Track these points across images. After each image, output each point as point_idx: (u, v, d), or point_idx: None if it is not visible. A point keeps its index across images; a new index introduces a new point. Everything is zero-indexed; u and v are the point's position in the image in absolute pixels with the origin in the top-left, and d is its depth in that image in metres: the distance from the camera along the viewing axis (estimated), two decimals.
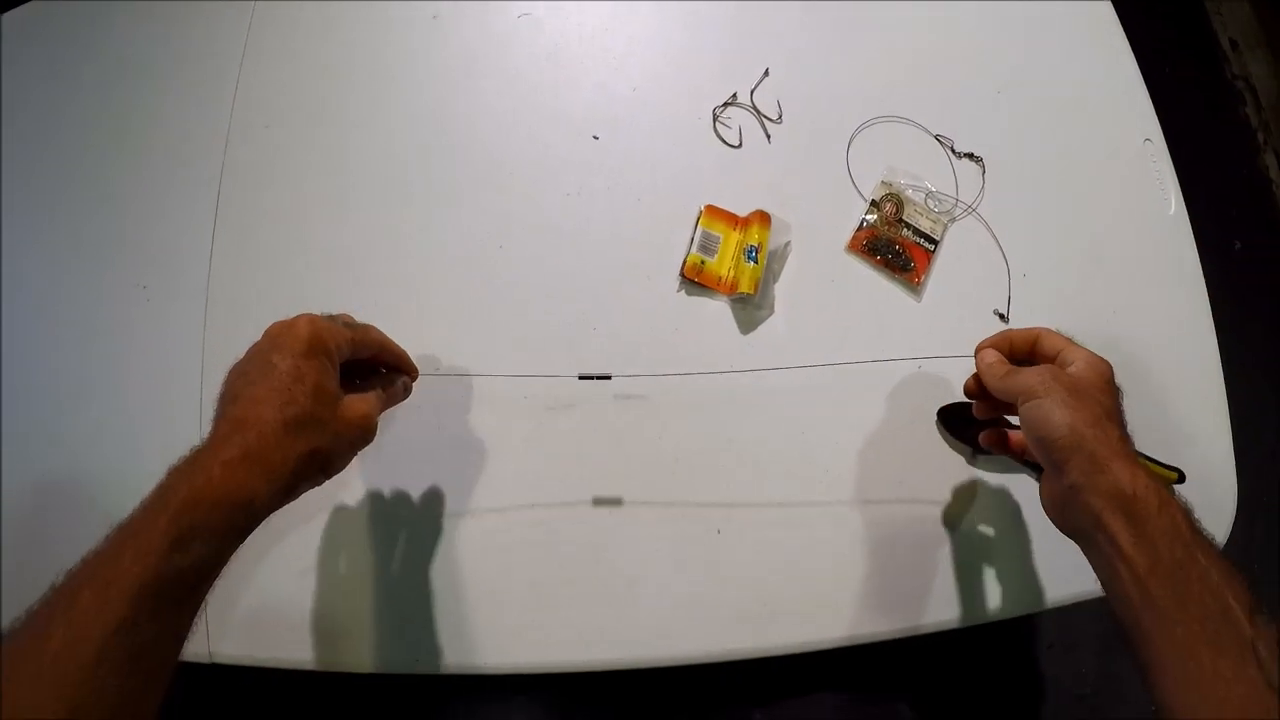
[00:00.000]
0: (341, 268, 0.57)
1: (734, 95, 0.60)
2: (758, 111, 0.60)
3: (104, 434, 0.54)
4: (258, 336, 0.38)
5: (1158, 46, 0.66)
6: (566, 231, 0.56)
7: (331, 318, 0.40)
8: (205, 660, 0.49)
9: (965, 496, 0.52)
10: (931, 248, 0.57)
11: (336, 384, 0.37)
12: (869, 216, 0.57)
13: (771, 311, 0.54)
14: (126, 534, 0.30)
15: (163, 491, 0.31)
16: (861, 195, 0.58)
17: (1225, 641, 0.30)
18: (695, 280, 0.54)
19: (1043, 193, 0.61)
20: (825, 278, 0.55)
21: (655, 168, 0.58)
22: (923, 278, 0.56)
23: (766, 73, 0.61)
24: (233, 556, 0.33)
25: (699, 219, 0.55)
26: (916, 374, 0.53)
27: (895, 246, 0.57)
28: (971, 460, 0.52)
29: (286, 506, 0.35)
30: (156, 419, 0.54)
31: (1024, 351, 0.43)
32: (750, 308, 0.53)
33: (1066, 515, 0.37)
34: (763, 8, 0.64)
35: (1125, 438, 0.37)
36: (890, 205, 0.58)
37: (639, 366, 0.51)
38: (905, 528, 0.51)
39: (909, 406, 0.53)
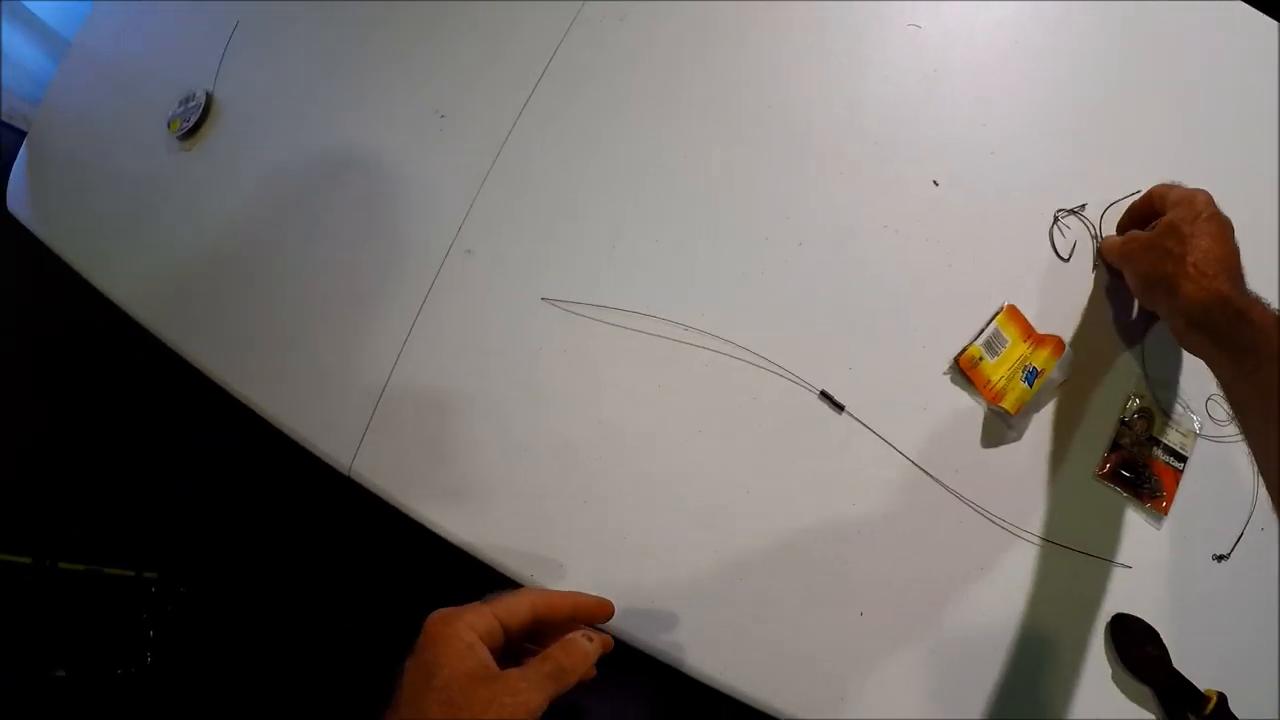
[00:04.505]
0: (638, 183, 0.57)
1: (1083, 205, 0.56)
2: (1099, 232, 0.56)
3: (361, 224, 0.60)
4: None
5: None
6: (868, 261, 0.55)
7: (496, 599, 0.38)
8: (345, 471, 0.54)
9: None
10: (1180, 466, 0.53)
11: (472, 664, 0.34)
12: (1121, 440, 0.53)
13: (1019, 438, 0.52)
14: None
15: None
16: (1145, 372, 0.54)
17: None
18: (965, 372, 0.52)
19: None
20: (1083, 436, 0.53)
21: (977, 241, 0.55)
22: (1171, 504, 0.53)
23: (1138, 194, 0.56)
24: None
25: (997, 314, 0.53)
26: (1113, 572, 0.52)
27: (1144, 469, 0.53)
28: (1115, 673, 0.51)
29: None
30: (406, 229, 0.59)
31: (1148, 215, 0.52)
32: (1002, 425, 0.52)
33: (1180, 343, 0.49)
34: (1162, 129, 0.58)
35: (1197, 264, 0.44)
36: (1142, 422, 0.54)
37: (873, 419, 0.51)
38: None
39: (1088, 601, 0.51)
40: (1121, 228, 0.55)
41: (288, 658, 1.00)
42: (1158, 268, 0.46)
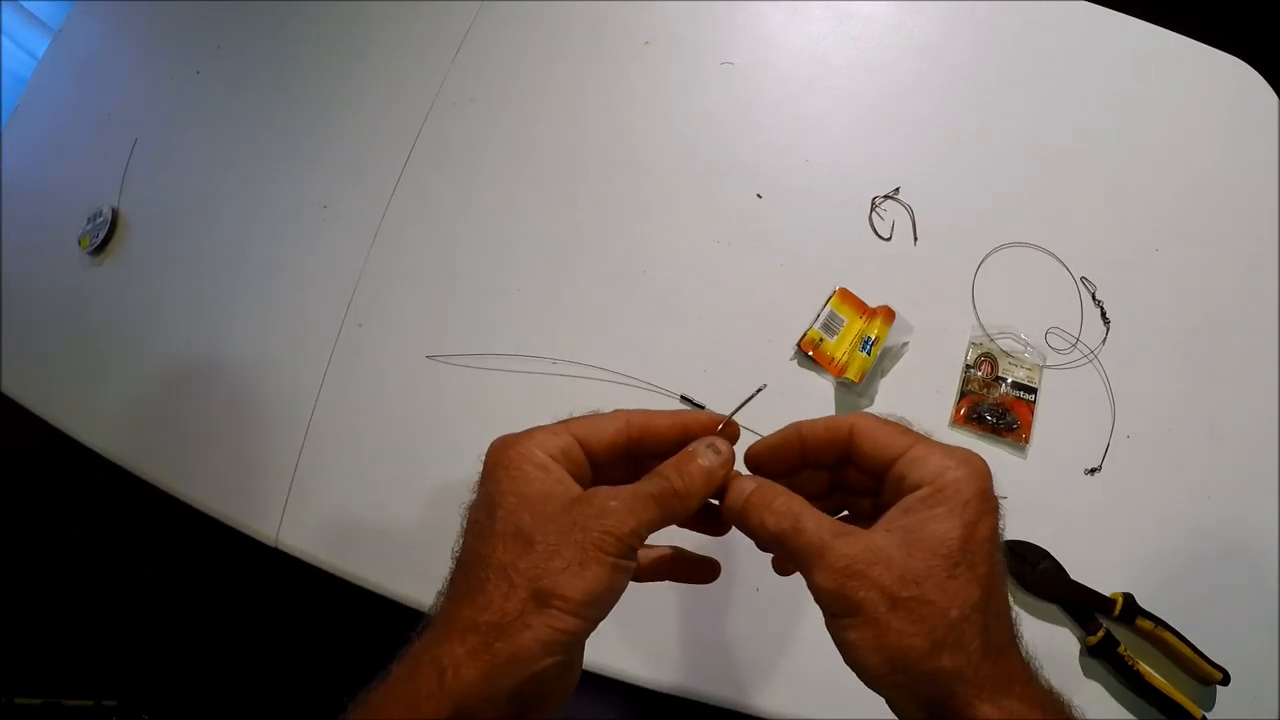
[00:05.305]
0: (500, 242, 0.64)
1: (897, 189, 0.63)
2: (912, 211, 0.63)
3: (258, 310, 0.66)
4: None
5: None
6: (706, 275, 0.61)
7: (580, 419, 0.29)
8: (271, 543, 0.59)
9: None
10: (1031, 398, 0.58)
11: (545, 485, 0.26)
12: (969, 387, 0.58)
13: (871, 403, 0.57)
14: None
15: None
16: (980, 321, 0.60)
17: None
18: (809, 355, 0.58)
19: (1171, 359, 0.60)
20: (931, 389, 0.58)
21: (804, 239, 0.62)
22: (1030, 433, 0.57)
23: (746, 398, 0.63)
24: None
25: (830, 298, 0.59)
26: None
27: (997, 408, 0.57)
28: (1018, 597, 0.54)
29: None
30: (302, 312, 0.65)
31: (826, 457, 0.29)
32: (852, 394, 0.57)
33: None
34: (956, 111, 0.66)
35: (997, 641, 0.24)
36: (985, 365, 0.59)
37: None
38: None
39: None
40: (760, 460, 0.31)
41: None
42: (914, 627, 0.24)
